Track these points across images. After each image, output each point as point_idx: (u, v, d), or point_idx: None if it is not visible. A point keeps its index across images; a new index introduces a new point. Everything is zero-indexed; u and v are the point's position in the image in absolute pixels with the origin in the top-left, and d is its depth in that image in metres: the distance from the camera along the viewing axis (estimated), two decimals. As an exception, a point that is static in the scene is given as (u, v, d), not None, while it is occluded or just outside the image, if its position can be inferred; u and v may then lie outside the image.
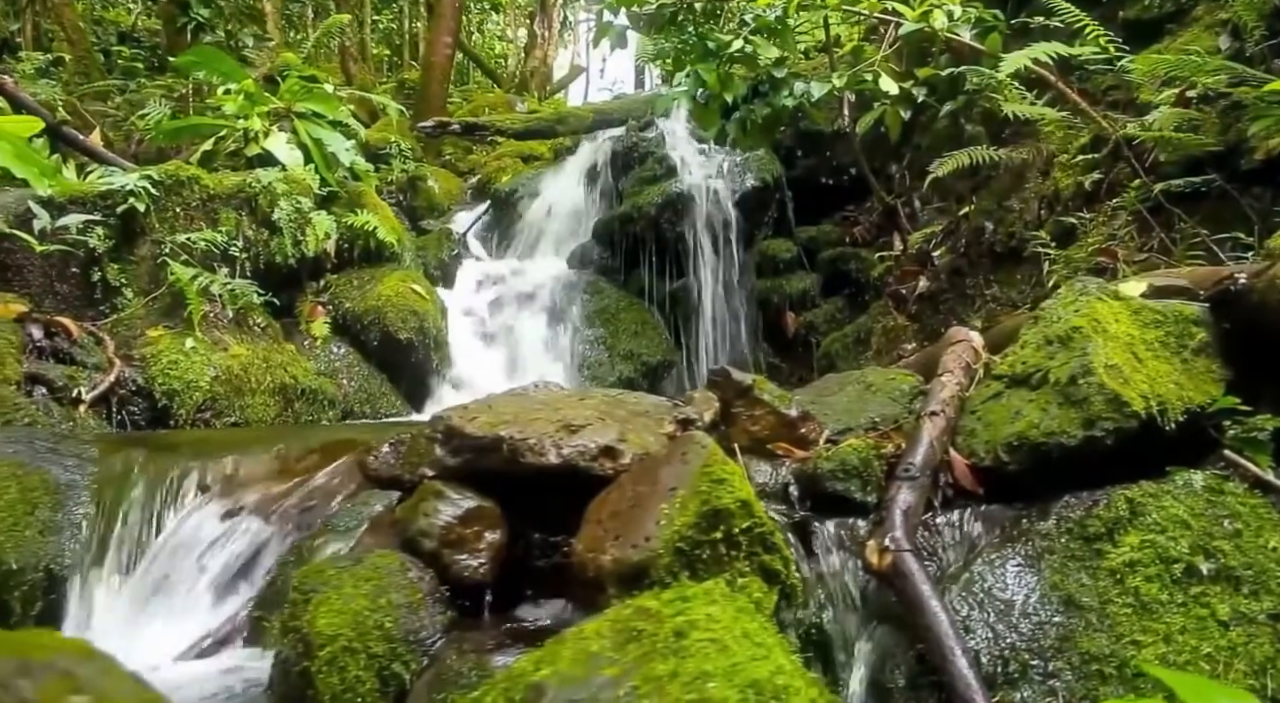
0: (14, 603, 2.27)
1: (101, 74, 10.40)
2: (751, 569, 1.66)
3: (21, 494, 2.38)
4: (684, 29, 5.72)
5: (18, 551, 2.29)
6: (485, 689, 1.47)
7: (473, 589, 1.88)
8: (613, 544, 1.69)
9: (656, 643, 1.44)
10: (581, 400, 2.13)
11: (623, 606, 1.52)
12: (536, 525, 2.00)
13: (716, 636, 1.43)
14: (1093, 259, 3.92)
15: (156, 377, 4.47)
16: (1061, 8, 4.22)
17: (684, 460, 1.74)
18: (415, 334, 5.48)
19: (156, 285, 4.99)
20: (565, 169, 7.67)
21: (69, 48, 10.30)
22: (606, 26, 5.78)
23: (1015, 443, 1.85)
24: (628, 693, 1.36)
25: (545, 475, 1.91)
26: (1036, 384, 1.93)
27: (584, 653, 1.45)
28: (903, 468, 1.87)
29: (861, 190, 6.77)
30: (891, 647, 1.71)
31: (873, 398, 2.38)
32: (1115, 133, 4.20)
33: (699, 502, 1.67)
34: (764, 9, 5.23)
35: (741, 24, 5.56)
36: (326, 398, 5.08)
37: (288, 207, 5.28)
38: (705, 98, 5.46)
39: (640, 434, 1.96)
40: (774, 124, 5.56)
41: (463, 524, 1.89)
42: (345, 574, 1.76)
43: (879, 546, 1.74)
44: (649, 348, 6.07)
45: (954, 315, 5.35)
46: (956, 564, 1.81)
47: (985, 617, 1.69)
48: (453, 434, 1.98)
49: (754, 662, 1.40)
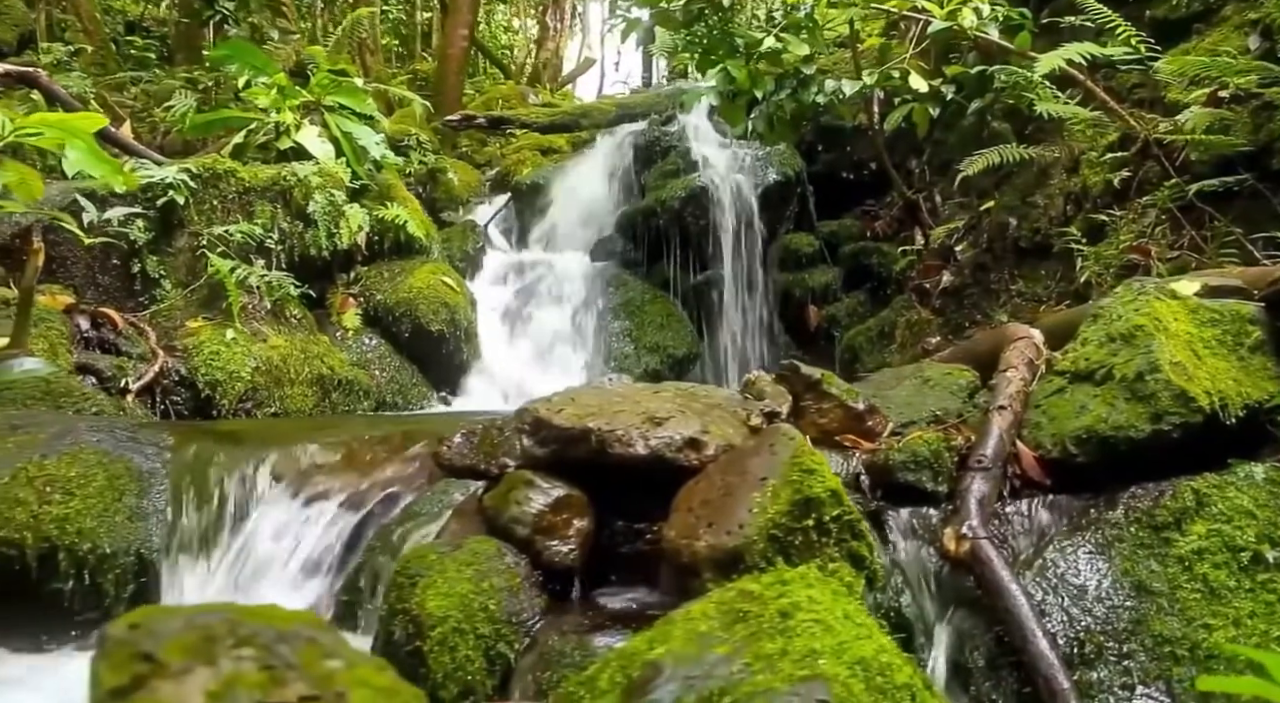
0: (108, 586, 2.35)
1: (118, 65, 10.42)
2: (841, 555, 1.75)
3: (109, 481, 2.46)
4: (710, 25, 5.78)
5: (110, 535, 2.37)
6: (598, 668, 1.55)
7: (562, 574, 1.97)
8: (706, 531, 1.78)
9: (763, 623, 1.53)
10: (657, 394, 2.21)
11: (725, 589, 1.61)
12: (619, 514, 2.09)
13: (820, 616, 1.52)
14: (1124, 256, 4.01)
15: (199, 367, 4.54)
16: (1092, 7, 4.29)
17: (772, 452, 1.83)
18: (447, 326, 5.56)
19: (194, 277, 5.07)
20: (586, 162, 7.73)
21: (85, 38, 10.33)
22: (636, 22, 5.85)
23: (1084, 436, 1.94)
24: (740, 669, 1.45)
25: (630, 466, 1.99)
26: (1101, 380, 2.02)
27: (694, 633, 1.54)
28: (975, 459, 1.96)
29: (881, 185, 6.86)
30: (969, 630, 1.80)
31: (931, 392, 2.46)
32: (1144, 132, 4.28)
33: (791, 491, 1.76)
34: (794, 6, 5.30)
35: (770, 20, 5.63)
36: (361, 389, 5.16)
37: (322, 200, 5.35)
38: (732, 93, 5.53)
39: (721, 426, 2.04)
40: (800, 120, 5.64)
41: (553, 512, 1.97)
42: (447, 559, 1.84)
43: (956, 533, 1.83)
44: (674, 341, 6.15)
45: (978, 310, 5.44)
46: (1028, 551, 1.90)
47: (1060, 601, 1.78)
48: (540, 425, 2.06)
49: (858, 640, 1.48)
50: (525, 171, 8.19)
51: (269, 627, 0.87)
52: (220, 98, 7.83)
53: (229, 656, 0.83)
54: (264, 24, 7.36)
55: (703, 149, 6.99)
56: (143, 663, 0.85)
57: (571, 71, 15.36)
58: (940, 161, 6.58)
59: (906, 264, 6.12)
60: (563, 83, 14.85)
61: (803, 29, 5.34)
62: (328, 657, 0.86)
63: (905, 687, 1.44)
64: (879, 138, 6.08)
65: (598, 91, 15.65)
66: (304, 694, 0.81)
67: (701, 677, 1.46)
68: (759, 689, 1.40)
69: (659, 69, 18.00)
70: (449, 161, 9.06)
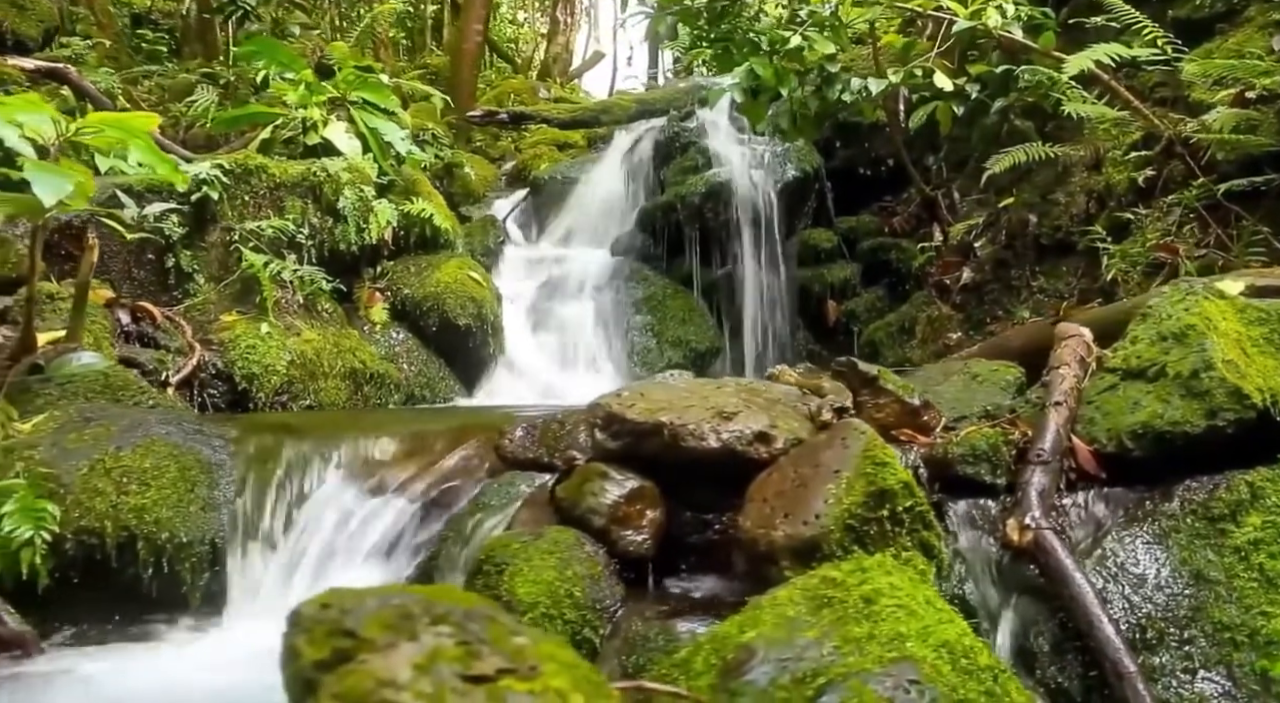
0: (185, 573, 2.43)
1: (131, 59, 10.45)
2: (913, 544, 1.83)
3: (180, 473, 2.54)
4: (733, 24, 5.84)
5: (185, 525, 2.45)
6: (690, 651, 1.63)
7: (636, 563, 2.05)
8: (783, 521, 1.85)
9: (847, 608, 1.61)
10: (719, 389, 2.29)
11: (808, 576, 1.69)
12: (687, 505, 2.17)
13: (903, 602, 1.60)
14: (1150, 254, 4.08)
15: (236, 361, 4.61)
16: (1119, 8, 4.36)
17: (844, 445, 1.91)
18: (473, 320, 5.62)
19: (226, 271, 5.13)
20: (605, 158, 7.79)
21: (99, 32, 10.34)
22: (661, 19, 5.90)
23: (1140, 431, 2.02)
24: (830, 652, 1.53)
25: (701, 459, 2.07)
26: (1153, 377, 2.10)
27: (783, 618, 1.61)
28: (1034, 453, 2.03)
29: (898, 181, 6.91)
30: (1033, 616, 1.88)
31: (980, 388, 2.54)
32: (1168, 131, 4.35)
33: (865, 482, 1.83)
34: (819, 5, 5.36)
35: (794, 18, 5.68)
36: (392, 382, 5.23)
37: (352, 195, 5.41)
38: (755, 90, 5.60)
39: (786, 421, 2.12)
40: (824, 117, 5.71)
41: (628, 503, 2.05)
42: (530, 548, 1.92)
43: (1019, 524, 1.91)
44: (696, 335, 6.22)
45: (999, 306, 5.51)
46: (1086, 541, 1.98)
47: (1120, 589, 1.86)
48: (613, 420, 2.14)
49: (941, 625, 1.56)
50: (543, 167, 8.25)
51: (457, 606, 0.94)
52: (240, 93, 7.88)
53: (428, 632, 0.90)
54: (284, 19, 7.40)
55: (722, 145, 7.06)
56: (345, 639, 0.92)
57: (580, 65, 15.40)
58: (958, 158, 6.64)
59: (925, 260, 6.18)
60: (572, 77, 14.88)
61: (826, 27, 5.40)
62: (513, 634, 0.93)
63: (988, 669, 1.52)
64: (898, 134, 6.14)
65: (610, 86, 15.69)
66: (501, 667, 0.89)
67: (794, 659, 1.54)
68: (852, 671, 1.48)
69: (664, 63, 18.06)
70: (465, 156, 9.11)
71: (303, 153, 5.99)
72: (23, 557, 2.28)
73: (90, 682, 2.06)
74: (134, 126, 3.04)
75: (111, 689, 2.03)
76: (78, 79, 5.84)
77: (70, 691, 2.01)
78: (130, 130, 3.01)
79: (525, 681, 0.88)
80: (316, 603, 0.99)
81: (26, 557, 2.28)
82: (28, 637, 2.16)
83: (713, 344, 6.26)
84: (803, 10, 5.54)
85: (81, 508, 2.40)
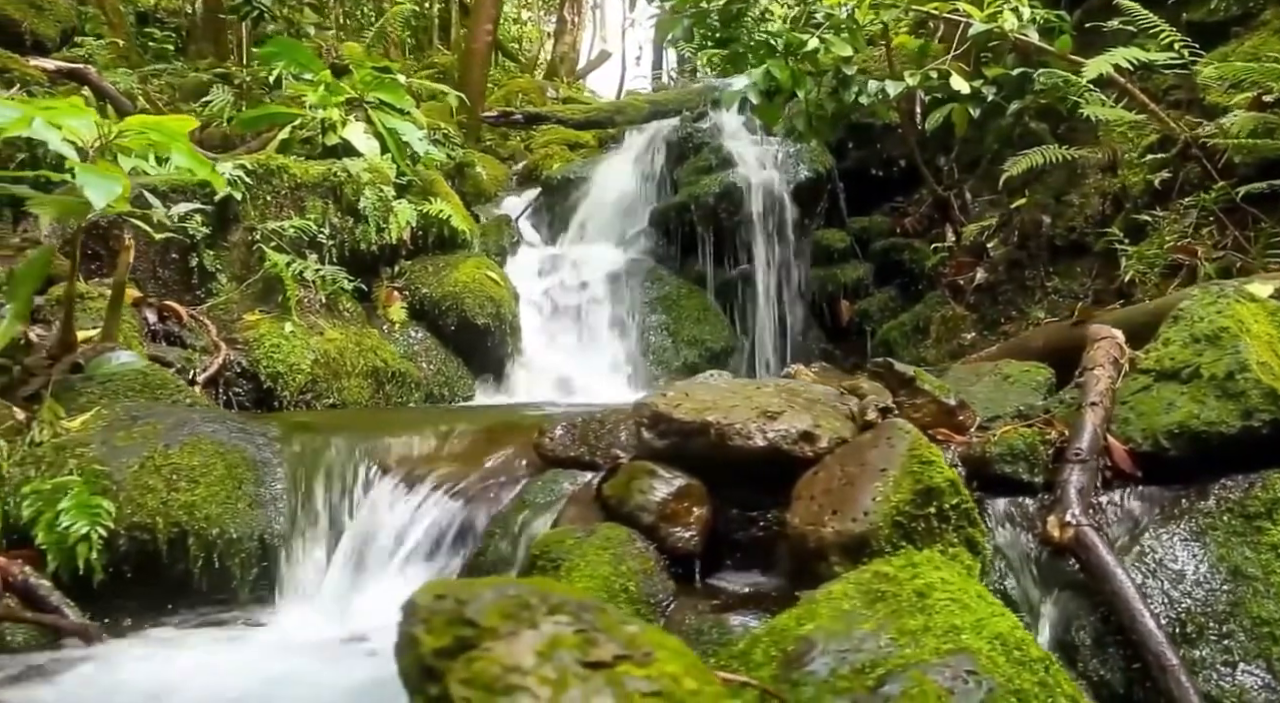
0: (235, 568, 2.48)
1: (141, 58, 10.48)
2: (959, 541, 1.89)
3: (228, 470, 2.59)
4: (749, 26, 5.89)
5: (235, 521, 2.50)
6: (749, 643, 1.68)
7: (684, 558, 2.10)
8: (831, 518, 1.90)
9: (901, 602, 1.66)
10: (759, 389, 2.34)
11: (860, 570, 1.74)
12: (731, 502, 2.22)
13: (955, 596, 1.65)
14: (1168, 255, 4.14)
15: (261, 360, 4.65)
16: (1138, 12, 4.41)
17: (890, 444, 1.96)
18: (492, 319, 5.67)
19: (248, 271, 5.18)
20: (617, 158, 7.83)
21: (110, 31, 10.37)
22: (676, 21, 5.95)
23: (1176, 431, 2.07)
24: (887, 644, 1.58)
25: (746, 457, 2.12)
26: (1187, 378, 2.15)
27: (839, 611, 1.67)
28: (1072, 452, 2.08)
29: (910, 182, 6.96)
30: (1074, 611, 1.93)
31: (1011, 388, 2.59)
32: (1184, 134, 4.41)
33: (912, 481, 1.89)
34: (835, 8, 5.40)
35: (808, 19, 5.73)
36: (412, 380, 5.28)
37: (373, 195, 5.46)
38: (771, 92, 5.65)
39: (829, 420, 2.17)
40: (840, 118, 5.76)
41: (675, 500, 2.10)
42: (585, 544, 1.97)
43: (1060, 521, 1.96)
44: (712, 334, 6.28)
45: (1013, 306, 5.57)
46: (1123, 538, 2.03)
47: (1159, 585, 1.91)
48: (659, 419, 2.19)
49: (994, 618, 1.61)
50: (555, 166, 8.29)
51: (570, 597, 0.99)
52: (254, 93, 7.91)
53: (547, 621, 0.96)
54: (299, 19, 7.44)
55: (735, 146, 7.10)
56: (466, 627, 0.97)
57: (586, 65, 15.44)
58: (969, 159, 6.69)
59: (938, 260, 6.23)
60: (579, 76, 14.93)
61: (843, 29, 5.45)
62: (624, 623, 0.98)
63: (1040, 660, 1.58)
64: (911, 135, 6.19)
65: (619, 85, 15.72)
66: (617, 654, 0.94)
67: (852, 650, 1.59)
68: (910, 662, 1.53)
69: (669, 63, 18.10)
70: (476, 156, 9.16)
71: (321, 153, 6.03)
72: (79, 552, 2.33)
73: (148, 672, 2.11)
74: (173, 129, 3.08)
75: (169, 679, 2.08)
76: (98, 80, 5.88)
77: (129, 679, 2.06)
78: (170, 133, 3.05)
79: (641, 666, 0.94)
80: (430, 594, 1.04)
81: (82, 552, 2.33)
82: (90, 628, 2.21)
83: (728, 344, 6.32)
84: (819, 13, 5.59)
85: (133, 504, 2.45)
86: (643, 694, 0.91)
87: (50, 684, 2.01)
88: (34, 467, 2.51)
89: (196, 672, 2.11)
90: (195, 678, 2.04)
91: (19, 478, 2.45)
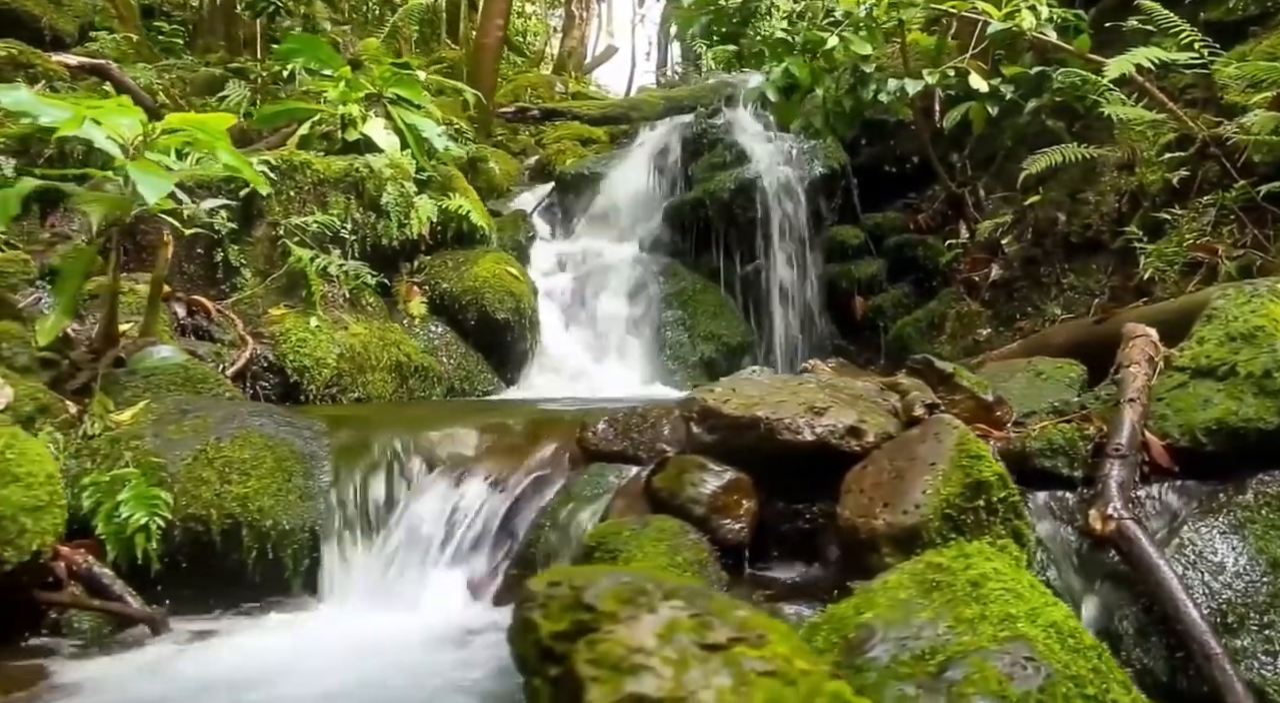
0: (287, 559, 2.54)
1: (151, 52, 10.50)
2: (1006, 532, 1.94)
3: (277, 463, 2.64)
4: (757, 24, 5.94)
5: (287, 513, 2.56)
6: (808, 631, 1.74)
7: (734, 550, 2.16)
8: (883, 511, 1.96)
9: (956, 591, 1.72)
10: (803, 385, 2.39)
11: (914, 561, 1.80)
12: (777, 495, 2.27)
13: (1008, 585, 1.71)
14: (1188, 253, 4.19)
15: (287, 354, 4.71)
16: (1159, 12, 4.45)
17: (938, 439, 2.02)
18: (512, 314, 5.72)
19: (271, 265, 5.23)
20: (631, 154, 7.87)
21: (121, 25, 10.39)
22: (694, 18, 5.99)
23: (1214, 427, 2.13)
24: (945, 631, 1.64)
25: (794, 451, 2.17)
26: (1223, 376, 2.21)
27: (896, 600, 1.72)
28: (1113, 447, 2.14)
29: (923, 179, 7.00)
30: (1116, 601, 1.99)
31: (1045, 385, 2.65)
32: (1203, 133, 4.45)
33: (961, 474, 1.94)
34: (856, 6, 5.45)
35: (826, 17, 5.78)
36: (435, 375, 5.34)
37: (394, 191, 5.51)
38: (789, 89, 5.70)
39: (874, 415, 2.22)
40: (858, 115, 5.81)
41: (726, 493, 2.16)
42: (640, 535, 2.03)
43: (1102, 514, 2.02)
44: (728, 329, 6.33)
45: (1029, 303, 5.62)
46: (1162, 531, 2.09)
47: (1200, 576, 1.97)
48: (708, 414, 2.24)
49: (1047, 606, 1.67)
50: (568, 162, 8.33)
51: (681, 584, 1.05)
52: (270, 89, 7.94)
53: (664, 605, 1.01)
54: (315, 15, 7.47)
55: (749, 142, 7.14)
56: (584, 612, 1.03)
57: (593, 60, 15.46)
58: (983, 156, 6.73)
59: (952, 257, 6.28)
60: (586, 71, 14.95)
61: (861, 28, 5.50)
62: (733, 608, 1.04)
63: (1094, 648, 1.63)
64: (925, 132, 6.23)
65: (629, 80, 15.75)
66: (731, 636, 1.00)
67: (911, 637, 1.65)
68: (969, 648, 1.59)
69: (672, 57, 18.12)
70: (488, 151, 9.19)
71: (340, 149, 6.07)
72: (137, 542, 2.39)
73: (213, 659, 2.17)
74: (215, 127, 3.13)
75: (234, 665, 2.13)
76: (119, 75, 5.92)
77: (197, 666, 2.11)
78: (212, 132, 3.09)
79: (755, 648, 0.99)
80: (545, 581, 1.09)
81: (140, 542, 2.39)
82: (157, 616, 2.27)
83: (744, 339, 6.37)
84: (836, 10, 5.64)
85: (188, 496, 2.50)
86: (758, 674, 0.97)
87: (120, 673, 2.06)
88: (90, 459, 2.57)
89: (259, 661, 2.16)
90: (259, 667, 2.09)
91: (76, 470, 2.50)
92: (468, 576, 2.52)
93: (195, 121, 3.17)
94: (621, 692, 0.94)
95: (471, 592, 2.50)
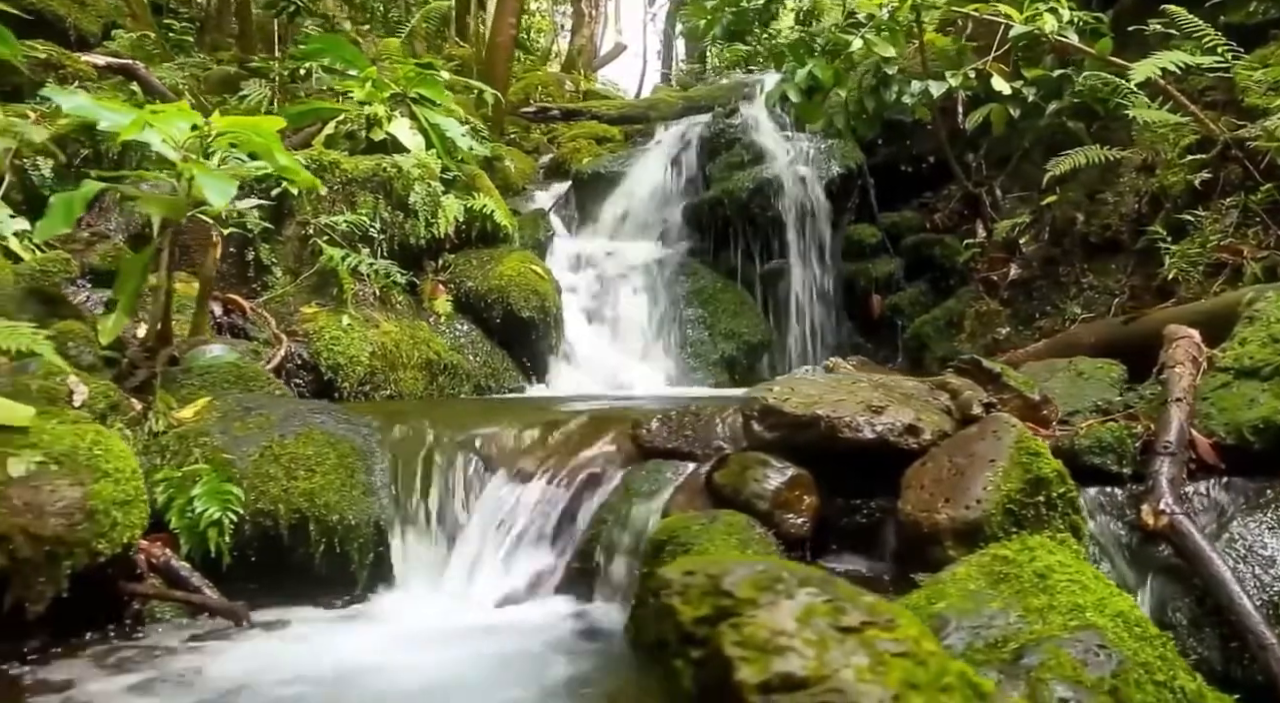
0: (354, 553, 2.61)
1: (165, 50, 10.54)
2: (1064, 527, 2.02)
3: (339, 459, 2.71)
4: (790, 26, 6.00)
5: (352, 508, 2.63)
6: (881, 620, 1.82)
7: (796, 543, 2.23)
8: (945, 506, 2.04)
9: (1023, 583, 1.80)
10: (857, 384, 2.47)
11: (980, 554, 1.87)
12: (836, 491, 2.35)
13: (1074, 577, 1.79)
14: (1211, 255, 4.27)
15: (321, 352, 4.77)
16: (1181, 15, 4.53)
17: (996, 437, 2.09)
18: (537, 312, 5.79)
19: (301, 264, 5.30)
20: (648, 152, 7.94)
21: (133, 23, 10.43)
22: (715, 19, 6.06)
23: (1260, 426, 2.21)
24: (1016, 621, 1.72)
25: (854, 448, 2.25)
26: (1268, 376, 2.29)
27: (966, 591, 1.80)
28: (1161, 444, 2.22)
29: (939, 178, 7.08)
30: (1170, 593, 2.07)
31: (1087, 384, 2.73)
32: (1225, 135, 4.53)
33: (1021, 471, 2.02)
34: (878, 8, 5.52)
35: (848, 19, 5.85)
36: (463, 372, 5.41)
37: (422, 190, 5.58)
38: (811, 90, 5.77)
39: (929, 414, 2.30)
40: (880, 116, 5.88)
41: (788, 489, 2.24)
42: (710, 529, 2.10)
43: (1154, 509, 2.10)
44: (748, 328, 6.40)
45: (1048, 302, 5.69)
46: (1211, 526, 2.17)
47: (1250, 569, 2.05)
48: (769, 412, 2.32)
49: (1113, 597, 1.75)
50: (584, 161, 8.39)
51: (814, 572, 1.12)
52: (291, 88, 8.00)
53: (800, 592, 1.09)
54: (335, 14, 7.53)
55: (767, 141, 7.21)
56: (724, 598, 1.10)
57: (602, 58, 15.51)
58: (999, 156, 6.80)
59: (969, 256, 6.35)
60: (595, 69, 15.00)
61: (884, 30, 5.57)
62: (861, 595, 1.12)
63: (1159, 637, 1.71)
64: (941, 132, 6.31)
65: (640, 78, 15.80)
66: (863, 620, 1.07)
67: (984, 626, 1.72)
68: (1041, 637, 1.67)
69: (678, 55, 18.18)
70: (504, 149, 9.25)
71: (365, 149, 6.14)
72: (209, 536, 2.46)
73: (293, 653, 2.24)
74: (267, 130, 3.19)
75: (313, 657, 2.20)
76: (146, 75, 5.97)
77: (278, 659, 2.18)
78: (265, 134, 3.16)
79: (887, 631, 1.07)
80: (679, 570, 1.17)
81: (213, 536, 2.46)
82: (238, 609, 2.34)
83: (764, 337, 6.44)
84: (860, 12, 5.70)
85: (257, 492, 2.57)
86: (892, 654, 1.04)
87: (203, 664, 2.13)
88: (159, 455, 2.64)
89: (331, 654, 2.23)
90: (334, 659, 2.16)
91: (146, 466, 2.57)
92: (529, 568, 2.59)
93: (248, 124, 3.23)
94: (770, 671, 1.01)
95: (534, 583, 2.57)
